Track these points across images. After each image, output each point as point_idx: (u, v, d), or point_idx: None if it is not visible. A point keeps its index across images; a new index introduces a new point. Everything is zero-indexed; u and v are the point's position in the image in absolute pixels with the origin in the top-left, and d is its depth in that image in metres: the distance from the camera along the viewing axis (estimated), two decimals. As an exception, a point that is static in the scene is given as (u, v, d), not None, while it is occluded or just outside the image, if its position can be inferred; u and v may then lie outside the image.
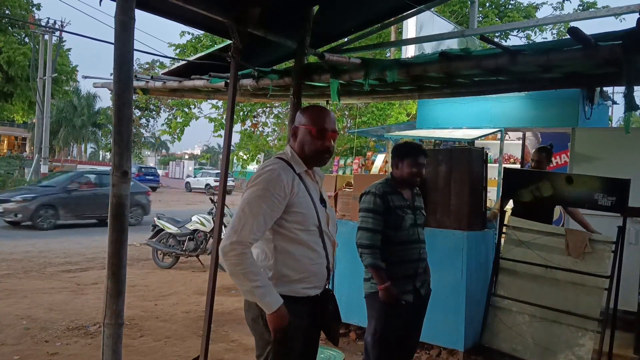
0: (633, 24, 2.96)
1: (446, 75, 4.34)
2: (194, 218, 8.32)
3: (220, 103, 12.81)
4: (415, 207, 3.04)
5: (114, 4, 2.22)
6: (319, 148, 2.15)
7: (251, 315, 2.13)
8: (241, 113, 13.29)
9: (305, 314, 2.12)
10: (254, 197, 2.01)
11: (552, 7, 17.11)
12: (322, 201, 2.22)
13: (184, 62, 6.03)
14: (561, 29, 15.97)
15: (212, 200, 8.78)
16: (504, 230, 4.49)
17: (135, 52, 2.27)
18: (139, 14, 2.50)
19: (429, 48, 8.62)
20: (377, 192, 2.96)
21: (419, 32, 8.86)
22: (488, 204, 4.76)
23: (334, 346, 2.36)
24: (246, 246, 1.97)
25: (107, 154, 44.10)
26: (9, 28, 24.74)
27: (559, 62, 3.54)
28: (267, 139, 14.26)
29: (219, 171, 21.04)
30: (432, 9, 8.64)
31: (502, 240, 4.57)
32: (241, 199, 2.08)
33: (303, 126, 2.18)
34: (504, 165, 7.59)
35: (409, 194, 3.06)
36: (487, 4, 17.19)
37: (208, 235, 8.09)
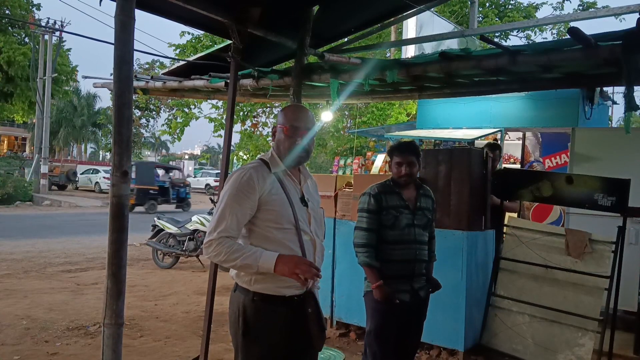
0: (633, 24, 2.96)
1: (446, 76, 4.34)
2: (194, 218, 8.32)
3: (220, 103, 12.80)
4: (416, 207, 3.03)
5: (114, 4, 2.21)
6: (291, 146, 2.16)
7: (233, 315, 2.17)
8: (241, 113, 13.29)
9: (281, 315, 2.07)
10: (226, 198, 2.07)
11: (552, 7, 17.14)
12: (303, 200, 2.20)
13: (184, 62, 6.03)
14: (561, 29, 15.97)
15: (212, 200, 8.78)
16: (504, 230, 4.50)
17: (135, 52, 2.27)
18: (139, 14, 2.50)
19: (429, 48, 8.62)
20: (371, 193, 3.02)
21: (419, 32, 8.87)
22: None
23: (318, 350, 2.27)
24: (222, 241, 2.02)
25: (107, 154, 44.07)
26: (9, 28, 24.73)
27: (559, 62, 3.54)
28: (267, 139, 14.25)
29: (219, 171, 21.01)
30: (432, 9, 8.64)
31: (502, 240, 4.58)
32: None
33: (279, 125, 2.21)
34: (504, 165, 7.59)
35: (412, 194, 3.05)
36: (487, 4, 17.20)
37: (208, 235, 8.07)
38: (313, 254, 2.17)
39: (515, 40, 18.04)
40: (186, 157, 68.48)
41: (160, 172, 20.40)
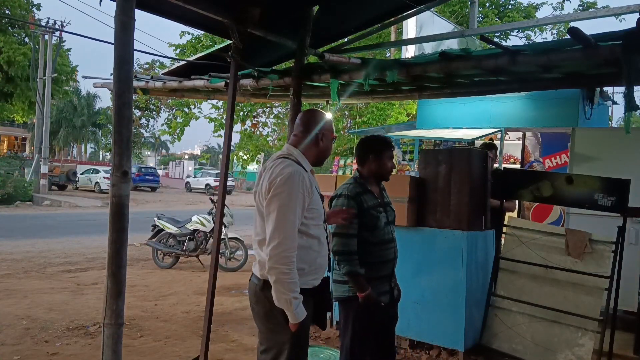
0: (633, 24, 2.96)
1: (446, 75, 4.34)
2: (194, 218, 8.32)
3: (220, 103, 12.80)
4: (384, 203, 2.93)
5: (114, 4, 2.21)
6: (329, 150, 2.46)
7: (263, 309, 2.24)
8: (241, 113, 13.28)
9: (311, 304, 2.27)
10: (288, 204, 2.12)
11: (552, 7, 17.11)
12: (321, 196, 2.38)
13: (184, 62, 6.03)
14: (561, 29, 15.96)
15: (212, 200, 8.78)
16: (504, 230, 4.50)
17: (135, 52, 2.27)
18: (139, 14, 2.51)
19: (429, 48, 8.62)
20: (349, 194, 2.80)
21: (419, 32, 8.87)
22: None
23: (322, 331, 2.60)
24: (294, 253, 2.11)
25: (107, 154, 44.10)
26: (9, 28, 24.74)
27: (559, 62, 3.54)
28: (267, 139, 14.25)
29: (219, 171, 21.00)
30: (432, 9, 8.64)
31: (502, 240, 4.58)
32: (271, 204, 2.15)
33: (329, 132, 2.40)
34: (504, 165, 7.59)
35: (377, 191, 2.95)
36: (487, 4, 17.19)
37: (208, 235, 8.09)
38: (330, 244, 2.45)
39: (515, 40, 18.04)
40: (186, 157, 68.66)
41: None
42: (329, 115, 8.05)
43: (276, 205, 2.12)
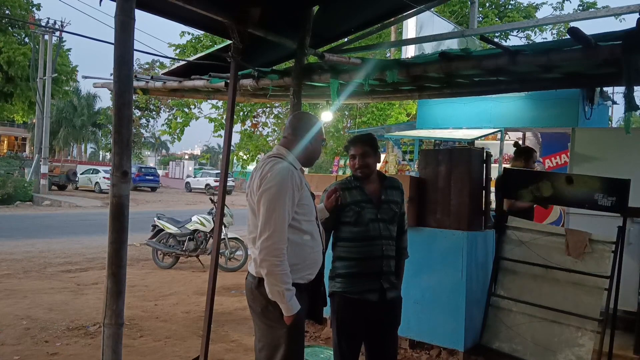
0: (633, 24, 2.96)
1: (446, 76, 4.34)
2: (194, 218, 8.32)
3: (220, 103, 12.80)
4: (381, 201, 2.86)
5: (114, 4, 2.21)
6: (319, 154, 2.56)
7: (260, 306, 2.28)
8: (241, 113, 13.29)
9: (306, 299, 2.33)
10: (278, 198, 2.18)
11: (552, 7, 17.13)
12: (312, 194, 2.45)
13: (184, 62, 6.04)
14: (561, 29, 15.97)
15: (212, 200, 8.79)
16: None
17: (135, 52, 2.27)
18: (139, 14, 2.51)
19: (429, 48, 8.62)
20: (327, 189, 2.91)
21: (419, 32, 8.88)
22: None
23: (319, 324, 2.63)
24: (285, 245, 2.16)
25: (107, 154, 44.13)
26: (9, 28, 24.74)
27: (559, 62, 3.54)
28: (267, 139, 14.26)
29: (219, 171, 21.01)
30: (432, 9, 8.64)
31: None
32: (261, 199, 2.21)
33: (318, 134, 2.48)
34: (504, 165, 7.59)
35: (375, 188, 2.90)
36: (487, 4, 17.19)
37: (208, 235, 8.09)
38: (325, 241, 2.52)
39: (515, 40, 18.05)
40: (186, 157, 68.61)
41: None
42: (327, 115, 8.06)
43: (266, 200, 2.19)
